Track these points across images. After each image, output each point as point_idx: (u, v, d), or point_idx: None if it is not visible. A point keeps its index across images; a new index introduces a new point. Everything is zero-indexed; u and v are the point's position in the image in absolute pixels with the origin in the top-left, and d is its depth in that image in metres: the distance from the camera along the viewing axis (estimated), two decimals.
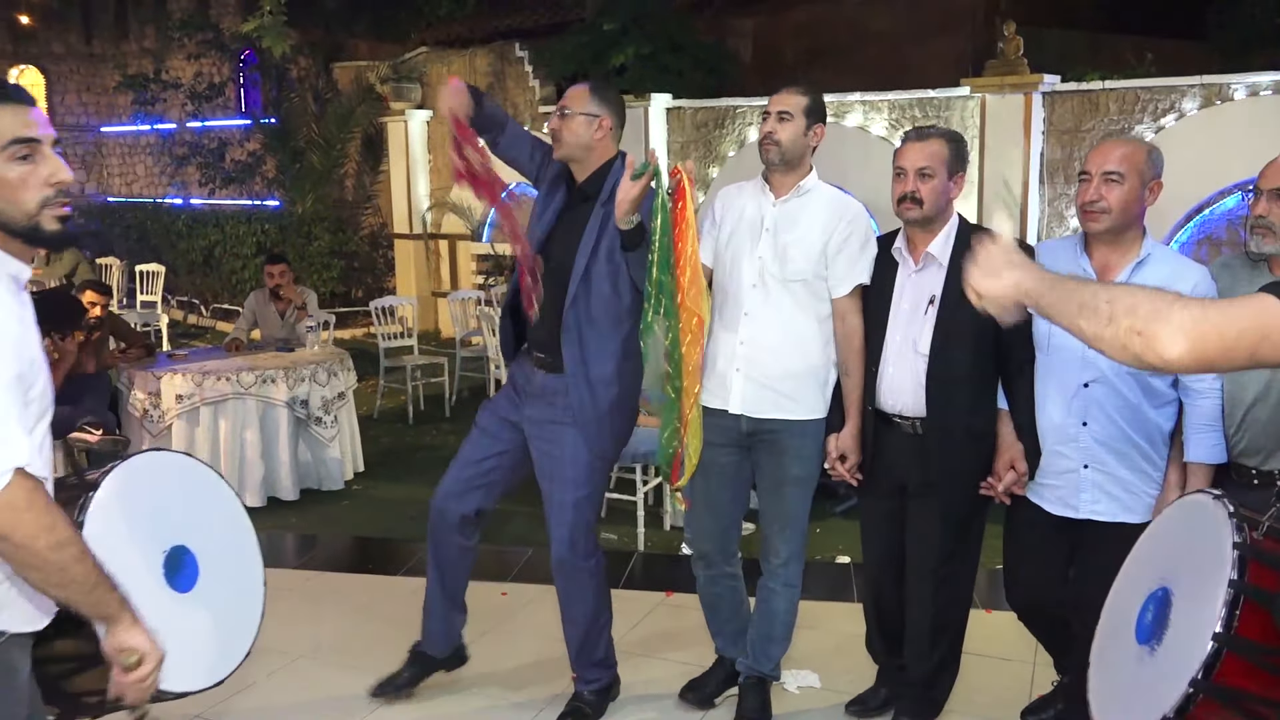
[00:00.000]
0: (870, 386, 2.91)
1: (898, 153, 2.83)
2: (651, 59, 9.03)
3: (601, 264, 2.91)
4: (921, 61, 9.09)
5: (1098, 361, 2.56)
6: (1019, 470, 2.75)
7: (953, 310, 2.72)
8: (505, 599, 4.16)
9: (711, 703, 3.31)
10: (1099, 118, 6.86)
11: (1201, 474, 2.57)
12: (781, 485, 3.02)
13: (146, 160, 16.22)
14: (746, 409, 2.97)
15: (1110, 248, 2.63)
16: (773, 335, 2.94)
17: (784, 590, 3.11)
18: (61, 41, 16.68)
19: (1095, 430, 2.64)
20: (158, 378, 5.36)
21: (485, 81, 10.48)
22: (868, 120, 7.74)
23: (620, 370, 2.98)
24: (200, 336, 11.71)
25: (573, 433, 2.99)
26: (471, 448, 3.17)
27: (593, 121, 2.95)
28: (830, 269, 2.92)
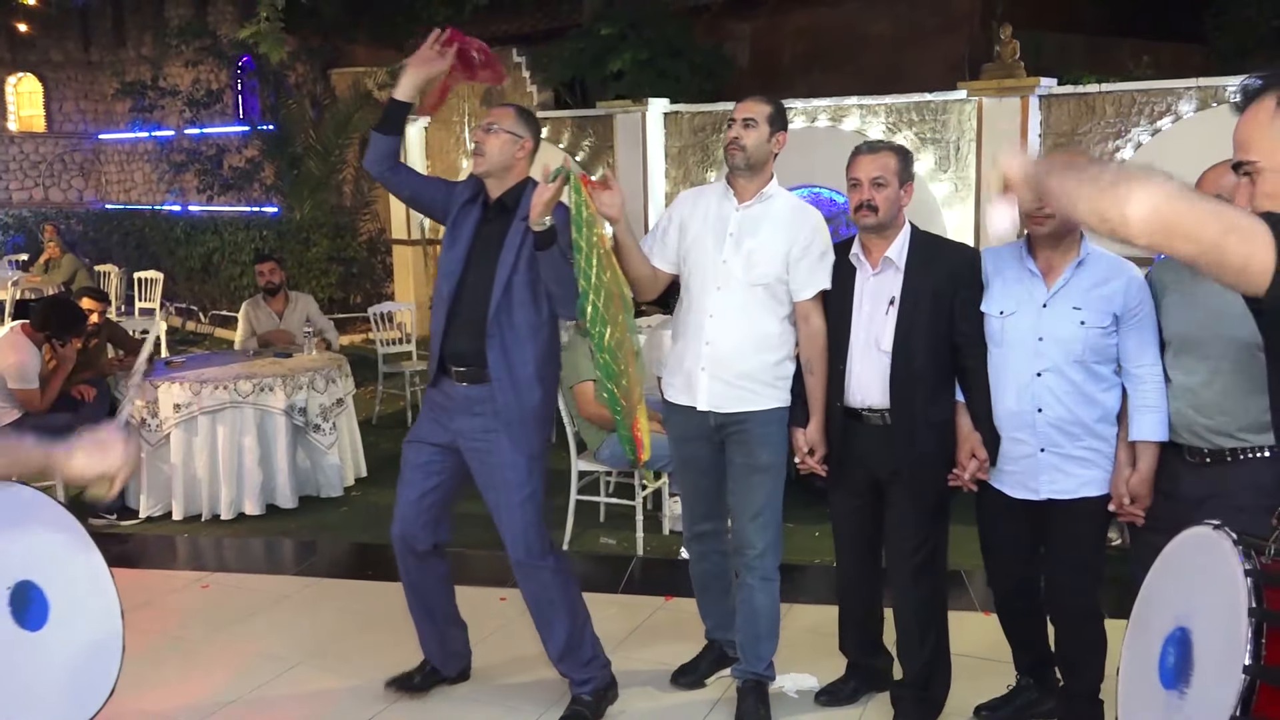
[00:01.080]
0: (837, 385, 3.04)
1: (851, 165, 3.00)
2: (649, 64, 9.04)
3: (522, 274, 3.04)
4: (918, 65, 9.11)
5: (1048, 352, 2.82)
6: (980, 457, 2.92)
7: (911, 310, 2.94)
8: (504, 604, 4.15)
9: (702, 684, 3.42)
10: (1095, 120, 6.87)
11: (1149, 451, 2.78)
12: (751, 474, 3.13)
13: (145, 167, 16.22)
14: (714, 405, 3.12)
15: (1053, 250, 2.86)
16: (737, 336, 3.08)
17: (762, 585, 3.17)
18: (59, 49, 16.69)
19: (1049, 415, 2.85)
20: (155, 387, 5.36)
21: (483, 88, 10.48)
22: (865, 124, 7.75)
23: (541, 373, 3.12)
24: (199, 343, 11.70)
25: (504, 437, 3.10)
26: (408, 488, 3.26)
27: (517, 141, 3.11)
28: (792, 274, 3.07)
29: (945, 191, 7.48)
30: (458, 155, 10.80)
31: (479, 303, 3.07)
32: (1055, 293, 2.84)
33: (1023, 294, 2.88)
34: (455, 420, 3.16)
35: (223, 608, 4.13)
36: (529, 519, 3.16)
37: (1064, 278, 2.83)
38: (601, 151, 9.46)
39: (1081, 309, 2.81)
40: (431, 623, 3.36)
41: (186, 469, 5.34)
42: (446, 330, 3.14)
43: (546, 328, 3.12)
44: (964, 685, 3.23)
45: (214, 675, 3.51)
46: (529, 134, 3.14)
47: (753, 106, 3.10)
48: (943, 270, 2.97)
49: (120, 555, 4.86)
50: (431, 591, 3.32)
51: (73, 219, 15.54)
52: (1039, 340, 2.83)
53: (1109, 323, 2.80)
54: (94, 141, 17.07)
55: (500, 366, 3.06)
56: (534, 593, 3.22)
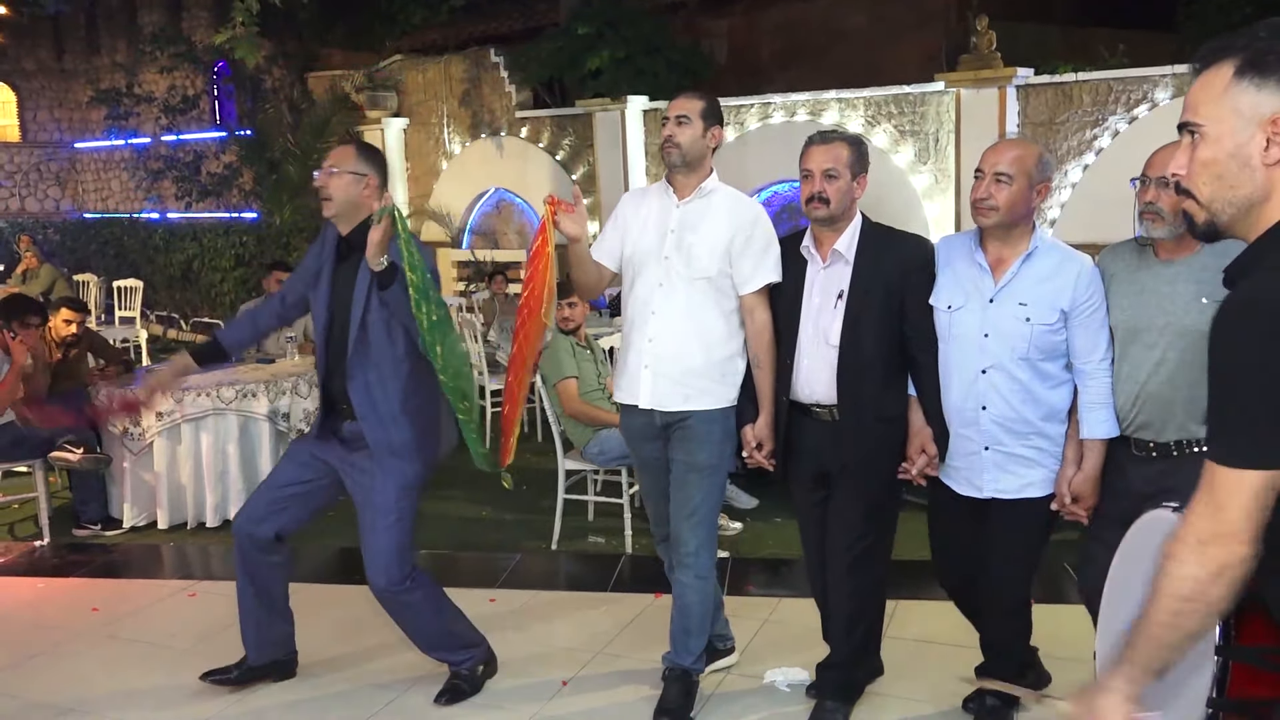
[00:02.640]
0: (785, 379, 3.01)
1: (803, 156, 2.95)
2: (627, 62, 9.03)
3: (375, 312, 3.08)
4: (896, 59, 9.13)
5: (993, 349, 2.76)
6: (929, 452, 2.89)
7: (860, 303, 2.89)
8: (493, 605, 4.14)
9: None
10: (1073, 109, 6.91)
11: (1096, 449, 2.74)
12: (688, 473, 3.12)
13: (121, 175, 16.10)
14: (656, 404, 3.10)
15: (1001, 243, 2.79)
16: (679, 332, 3.07)
17: (695, 583, 3.17)
18: (32, 58, 16.54)
19: (993, 413, 2.79)
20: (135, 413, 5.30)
21: (461, 88, 10.46)
22: (844, 118, 7.77)
23: (405, 408, 3.15)
24: (180, 351, 11.62)
25: (377, 468, 3.16)
26: (277, 474, 3.34)
27: (360, 180, 3.14)
28: (735, 268, 3.05)
29: (926, 183, 7.50)
30: (437, 158, 10.77)
31: (341, 345, 3.13)
32: (1002, 288, 2.76)
33: (970, 288, 2.80)
34: (341, 448, 3.24)
35: (210, 615, 4.10)
36: (393, 543, 3.17)
37: (1011, 271, 2.75)
38: (581, 150, 9.45)
39: (1028, 305, 2.73)
40: (257, 605, 3.36)
41: (171, 477, 5.30)
42: (327, 374, 3.23)
43: (407, 362, 3.14)
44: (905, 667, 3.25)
45: (203, 684, 3.48)
46: (372, 170, 3.16)
47: (685, 103, 3.07)
48: (893, 263, 2.90)
49: (105, 565, 4.83)
50: (262, 573, 3.32)
51: (50, 228, 15.40)
52: (984, 336, 2.76)
53: (1056, 319, 2.72)
54: (70, 150, 16.93)
55: (365, 404, 3.12)
56: (398, 614, 3.29)
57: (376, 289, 3.01)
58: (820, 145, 2.92)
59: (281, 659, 3.49)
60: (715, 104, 3.12)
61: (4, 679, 3.63)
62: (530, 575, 4.56)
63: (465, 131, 10.47)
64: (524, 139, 9.90)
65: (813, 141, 2.95)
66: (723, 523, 5.02)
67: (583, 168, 9.45)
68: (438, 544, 4.98)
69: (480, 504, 5.52)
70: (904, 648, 3.54)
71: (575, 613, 4.04)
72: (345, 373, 3.12)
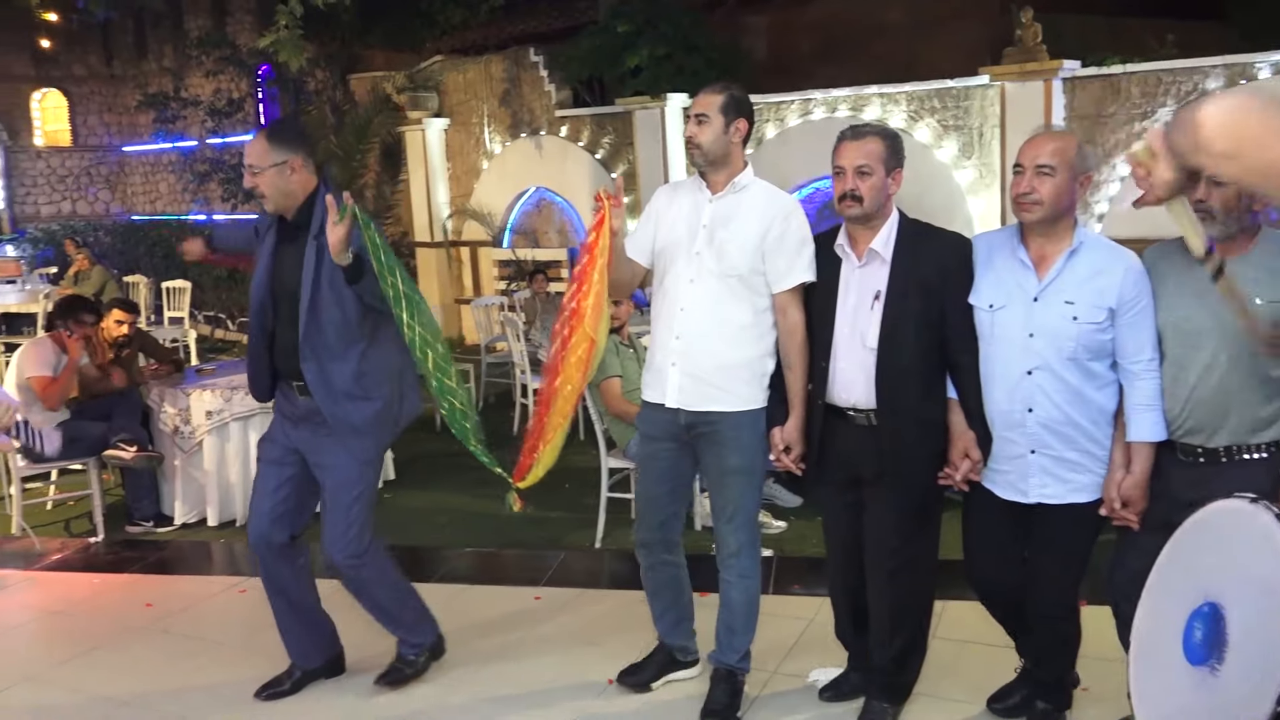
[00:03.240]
0: (821, 381, 2.94)
1: (835, 152, 2.87)
2: (666, 59, 9.02)
3: (325, 291, 3.07)
4: (937, 52, 9.03)
5: (1040, 350, 2.68)
6: (973, 457, 2.81)
7: (898, 303, 2.81)
8: (539, 603, 4.17)
9: (648, 687, 3.40)
10: (1120, 102, 6.80)
11: (1144, 452, 2.66)
12: (724, 476, 3.10)
13: (169, 178, 16.38)
14: (683, 402, 3.05)
15: (1045, 238, 2.71)
16: (707, 329, 3.01)
17: (739, 581, 3.17)
18: (83, 64, 16.89)
19: (1040, 416, 2.71)
20: (187, 395, 5.41)
21: (501, 88, 10.51)
22: (885, 113, 7.70)
23: (360, 385, 3.16)
24: (228, 350, 11.80)
25: (335, 443, 3.19)
26: (263, 482, 3.36)
27: (283, 168, 3.11)
28: (768, 265, 2.98)
29: (970, 179, 7.42)
30: (478, 157, 10.83)
31: (290, 325, 3.13)
32: (1047, 285, 2.68)
33: (1013, 286, 2.72)
34: (297, 428, 3.27)
35: (261, 613, 4.14)
36: (353, 518, 3.23)
37: (1056, 268, 2.68)
38: (621, 148, 9.46)
39: (1074, 303, 2.65)
40: (294, 614, 3.44)
41: (220, 475, 5.39)
42: (272, 352, 3.22)
43: (363, 341, 3.14)
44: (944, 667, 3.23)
45: (255, 678, 3.54)
46: (290, 153, 3.12)
47: (703, 100, 3.01)
48: (931, 261, 2.82)
49: (158, 562, 4.93)
50: (291, 585, 3.39)
51: (100, 230, 15.72)
52: (1029, 337, 2.69)
53: (1104, 318, 2.64)
54: (118, 154, 17.26)
55: (319, 384, 3.12)
56: (357, 589, 3.35)
57: (346, 283, 3.02)
58: (852, 140, 2.84)
59: (329, 659, 3.54)
60: (736, 96, 3.02)
61: (64, 672, 3.71)
62: (574, 573, 4.58)
63: (505, 131, 10.52)
64: (564, 138, 9.93)
65: (844, 137, 2.87)
66: (766, 521, 5.01)
67: (623, 166, 9.46)
68: (482, 542, 5.02)
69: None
70: (951, 649, 3.51)
71: (619, 611, 4.05)
72: (295, 353, 3.11)
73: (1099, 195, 6.93)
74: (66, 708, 3.46)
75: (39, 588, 4.63)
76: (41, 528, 5.37)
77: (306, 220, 3.11)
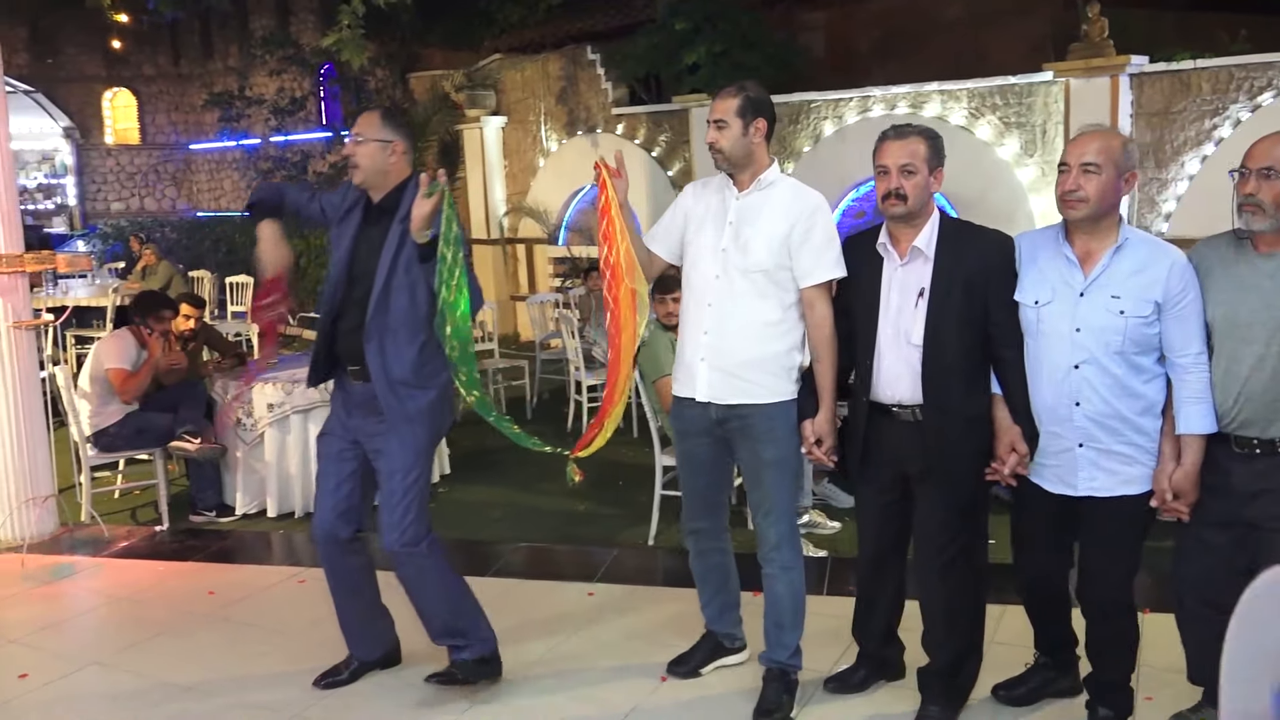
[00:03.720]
0: (865, 379, 2.97)
1: (878, 151, 2.90)
2: (724, 57, 8.99)
3: (400, 276, 3.11)
4: (999, 48, 8.89)
5: (1086, 344, 2.70)
6: (1020, 452, 2.82)
7: (942, 300, 2.83)
8: (592, 599, 4.19)
9: (697, 673, 3.44)
10: (1190, 98, 6.63)
11: (1195, 445, 2.67)
12: (758, 470, 3.12)
13: (233, 175, 16.72)
14: (714, 396, 3.09)
15: (1090, 235, 2.74)
16: (735, 324, 3.05)
17: (782, 574, 3.17)
18: (151, 64, 17.30)
19: (1087, 409, 2.73)
20: (249, 387, 5.52)
21: (558, 86, 10.57)
22: (946, 110, 7.60)
23: (420, 374, 3.18)
24: (289, 345, 12.01)
25: (390, 431, 3.20)
26: (324, 480, 3.39)
27: (386, 146, 3.16)
28: (795, 261, 3.02)
29: (1032, 176, 7.30)
30: (534, 155, 10.90)
31: (360, 306, 3.15)
32: (1093, 281, 2.70)
33: (1058, 282, 2.75)
34: (352, 417, 3.29)
35: (319, 603, 4.22)
36: (409, 504, 3.22)
37: (1102, 264, 2.70)
38: (677, 146, 9.46)
39: (1121, 298, 2.66)
40: (355, 608, 3.47)
41: (280, 467, 5.49)
42: (334, 332, 3.24)
43: (425, 331, 3.16)
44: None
45: (312, 666, 3.60)
46: (397, 136, 3.18)
47: (719, 105, 3.04)
48: (974, 258, 2.84)
49: (220, 551, 5.03)
50: (354, 578, 3.42)
51: (166, 227, 16.09)
52: (1076, 331, 2.70)
53: (1150, 311, 2.65)
54: (185, 151, 17.66)
55: (378, 368, 3.14)
56: (409, 577, 3.30)
57: (418, 260, 3.05)
58: (895, 140, 2.87)
59: (387, 651, 3.59)
60: (752, 97, 3.03)
61: (129, 657, 3.81)
62: (628, 570, 4.59)
63: (562, 129, 10.58)
64: (620, 135, 9.95)
65: (887, 136, 2.90)
66: (820, 521, 4.98)
67: (678, 164, 9.45)
68: (536, 537, 5.05)
69: (578, 498, 5.58)
70: (1008, 653, 3.46)
71: (673, 608, 4.05)
72: (362, 334, 3.14)
73: (1166, 194, 6.77)
74: (132, 691, 3.55)
75: (106, 574, 4.75)
76: (109, 515, 5.52)
77: (394, 205, 3.14)
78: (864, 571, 3.26)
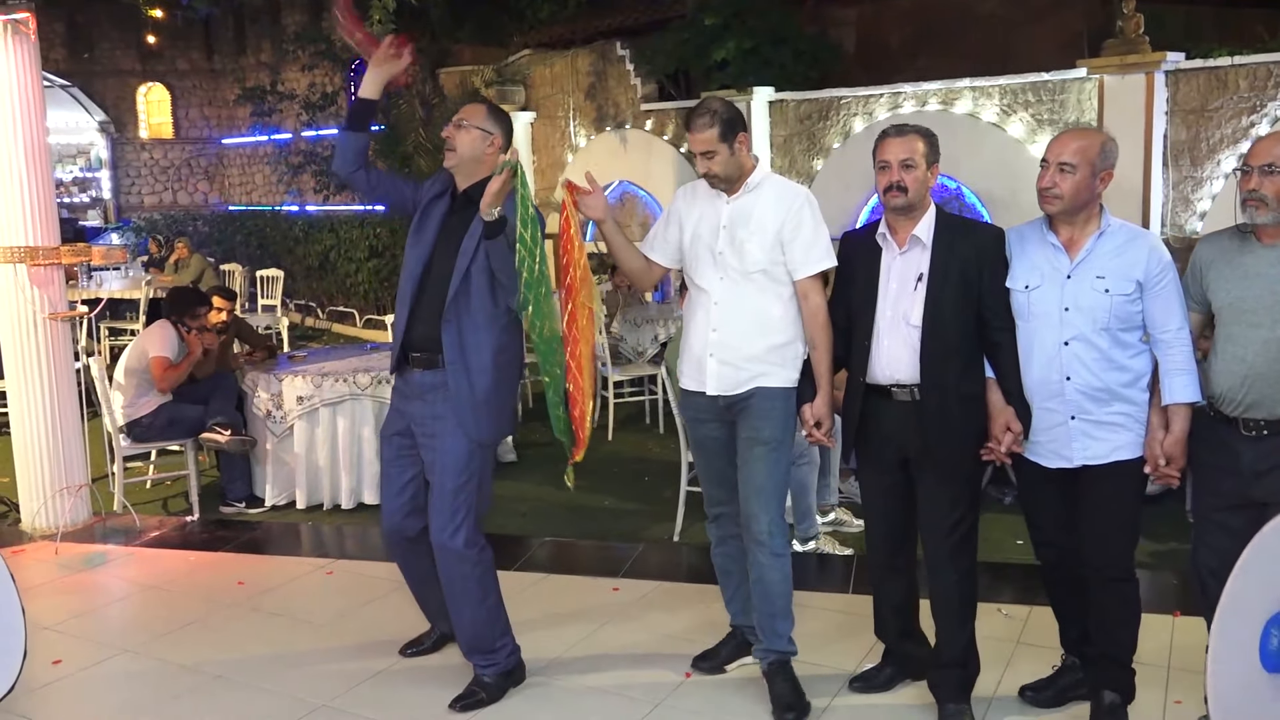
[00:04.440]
0: (862, 360, 3.07)
1: (879, 148, 3.04)
2: (754, 53, 8.95)
3: (481, 263, 3.15)
4: (1032, 44, 8.80)
5: (1075, 322, 2.85)
6: (1014, 430, 2.94)
7: (940, 283, 2.97)
8: (617, 594, 4.19)
9: (722, 670, 3.46)
10: (1227, 95, 6.53)
11: (1182, 413, 2.82)
12: (753, 447, 3.17)
13: (265, 169, 16.84)
14: (722, 389, 3.20)
15: (1071, 225, 2.92)
16: (741, 321, 3.18)
17: (774, 561, 3.20)
18: (185, 58, 17.45)
19: (1078, 383, 2.87)
20: (279, 380, 5.57)
21: (587, 82, 10.57)
22: (977, 107, 7.53)
23: (496, 361, 3.22)
24: (318, 338, 12.11)
25: (451, 423, 3.20)
26: (388, 482, 3.43)
27: (487, 137, 3.24)
28: (787, 255, 3.15)
29: None
30: (563, 150, 10.92)
31: (439, 290, 3.19)
32: (1079, 264, 2.87)
33: (1046, 267, 2.91)
34: (410, 405, 3.31)
35: (346, 594, 4.27)
36: (461, 504, 3.23)
37: (1086, 248, 2.87)
38: None
39: (1105, 277, 2.84)
40: (430, 592, 3.51)
41: (309, 459, 5.54)
42: (410, 319, 3.27)
43: (504, 318, 3.22)
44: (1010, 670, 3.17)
45: (339, 655, 3.63)
46: (499, 130, 3.25)
47: (700, 139, 3.11)
48: (969, 247, 2.99)
49: (249, 542, 5.09)
50: (425, 565, 3.44)
51: (199, 220, 16.26)
52: (1065, 310, 2.86)
53: (1132, 290, 2.83)
54: (217, 146, 17.81)
55: (454, 350, 3.17)
56: (449, 578, 3.31)
57: (485, 237, 3.07)
58: (896, 138, 3.02)
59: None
60: (725, 118, 3.12)
61: (159, 645, 3.86)
62: (653, 566, 4.60)
63: (590, 125, 10.58)
64: (648, 131, 9.94)
65: (887, 134, 3.05)
66: (846, 519, 4.96)
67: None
68: (562, 532, 5.07)
69: (603, 494, 5.59)
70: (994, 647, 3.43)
71: (698, 604, 4.05)
72: (438, 318, 3.17)
73: (1201, 192, 6.69)
74: (161, 678, 3.59)
75: (138, 563, 4.81)
76: (141, 505, 5.59)
77: (480, 195, 3.14)
78: (874, 562, 3.32)
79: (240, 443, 5.45)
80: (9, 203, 4.97)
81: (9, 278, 5.03)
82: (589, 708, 3.32)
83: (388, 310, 10.95)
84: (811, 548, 4.61)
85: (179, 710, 3.38)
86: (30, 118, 4.98)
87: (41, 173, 5.03)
